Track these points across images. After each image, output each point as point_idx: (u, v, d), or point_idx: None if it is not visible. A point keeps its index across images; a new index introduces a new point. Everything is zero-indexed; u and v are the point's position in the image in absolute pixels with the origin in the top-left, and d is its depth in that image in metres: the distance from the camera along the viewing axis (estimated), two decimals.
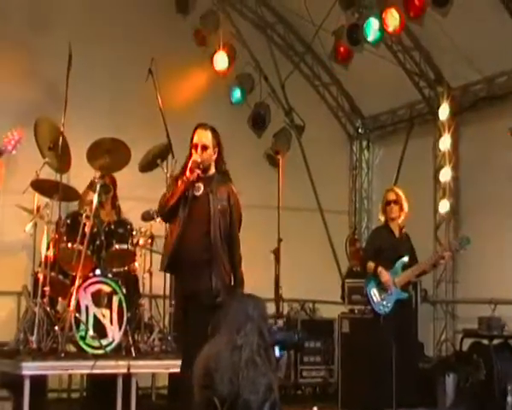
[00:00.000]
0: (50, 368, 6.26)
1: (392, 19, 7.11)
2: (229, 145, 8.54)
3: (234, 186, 5.09)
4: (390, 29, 7.18)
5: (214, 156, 5.03)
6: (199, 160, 4.91)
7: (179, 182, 4.94)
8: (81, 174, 7.08)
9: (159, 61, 6.81)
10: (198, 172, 4.90)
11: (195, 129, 5.05)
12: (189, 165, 4.90)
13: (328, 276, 9.14)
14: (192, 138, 5.03)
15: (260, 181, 8.84)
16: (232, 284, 4.96)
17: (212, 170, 5.05)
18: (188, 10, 8.31)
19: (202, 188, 4.95)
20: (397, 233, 6.55)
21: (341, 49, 7.87)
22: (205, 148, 4.97)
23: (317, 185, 9.49)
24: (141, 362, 6.36)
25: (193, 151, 4.99)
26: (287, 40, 9.24)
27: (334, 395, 7.94)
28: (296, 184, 8.94)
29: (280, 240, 7.64)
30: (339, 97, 9.68)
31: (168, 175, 6.62)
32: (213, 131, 5.06)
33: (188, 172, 4.89)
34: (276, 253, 7.68)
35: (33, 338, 6.24)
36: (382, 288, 6.36)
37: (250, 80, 8.77)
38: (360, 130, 9.90)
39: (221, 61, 8.45)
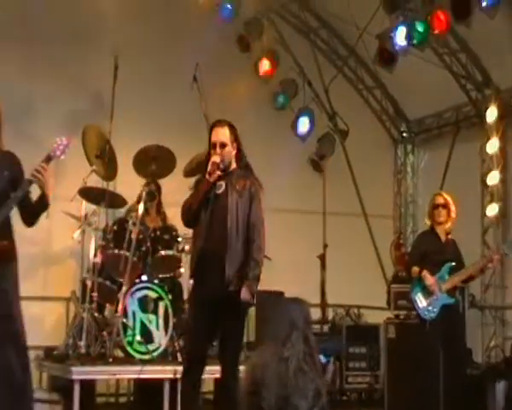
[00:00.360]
0: (99, 373, 6.35)
1: (439, 21, 7.03)
2: (272, 150, 8.68)
3: (256, 179, 4.94)
4: (436, 31, 7.10)
5: (234, 152, 4.90)
6: (218, 160, 4.80)
7: (200, 185, 4.85)
8: (127, 181, 7.18)
9: (202, 68, 6.85)
10: (218, 173, 4.79)
11: (212, 128, 4.92)
12: (209, 167, 4.79)
13: (373, 281, 9.07)
14: (210, 138, 4.90)
15: (304, 186, 8.84)
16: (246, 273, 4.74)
17: (234, 165, 4.92)
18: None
19: (224, 186, 4.84)
20: (443, 238, 6.46)
21: (386, 52, 7.81)
22: (223, 145, 4.83)
23: (361, 190, 9.43)
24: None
25: (212, 151, 4.86)
26: (330, 44, 9.21)
27: (380, 400, 7.87)
28: (340, 189, 8.91)
29: (325, 245, 7.61)
30: (383, 101, 9.60)
31: None
32: (231, 126, 4.91)
33: (207, 175, 4.78)
34: (322, 258, 7.66)
35: (82, 343, 6.36)
36: (428, 293, 6.28)
37: (293, 85, 8.76)
38: (405, 134, 9.81)
39: (265, 65, 8.47)
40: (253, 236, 4.81)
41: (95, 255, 6.73)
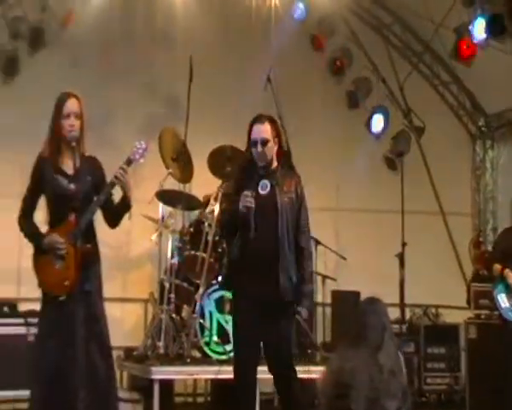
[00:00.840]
0: (177, 373, 6.45)
1: None
2: (347, 149, 8.61)
3: (299, 176, 4.78)
4: None
5: (276, 147, 4.68)
6: (249, 204, 4.49)
7: (236, 202, 4.57)
8: (203, 184, 7.25)
9: (276, 68, 6.82)
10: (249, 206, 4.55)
11: (251, 124, 4.67)
12: (241, 206, 4.51)
13: (452, 280, 8.88)
14: (249, 135, 4.65)
15: (379, 185, 8.74)
16: (297, 280, 4.62)
17: (275, 163, 4.70)
18: None
19: (269, 185, 4.64)
20: None
21: (464, 46, 7.62)
22: (265, 142, 4.61)
23: (438, 187, 9.24)
24: (263, 368, 6.38)
25: (253, 149, 4.65)
26: (404, 40, 9.06)
27: (461, 403, 7.70)
28: (416, 187, 8.75)
29: (404, 244, 7.49)
30: (459, 96, 9.37)
31: None
32: (271, 121, 4.70)
33: (242, 205, 4.51)
34: (401, 257, 7.55)
35: (160, 344, 6.45)
36: (511, 292, 6.12)
37: (367, 83, 8.67)
38: (483, 128, 9.55)
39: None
40: (303, 242, 4.69)
41: (172, 257, 6.82)
